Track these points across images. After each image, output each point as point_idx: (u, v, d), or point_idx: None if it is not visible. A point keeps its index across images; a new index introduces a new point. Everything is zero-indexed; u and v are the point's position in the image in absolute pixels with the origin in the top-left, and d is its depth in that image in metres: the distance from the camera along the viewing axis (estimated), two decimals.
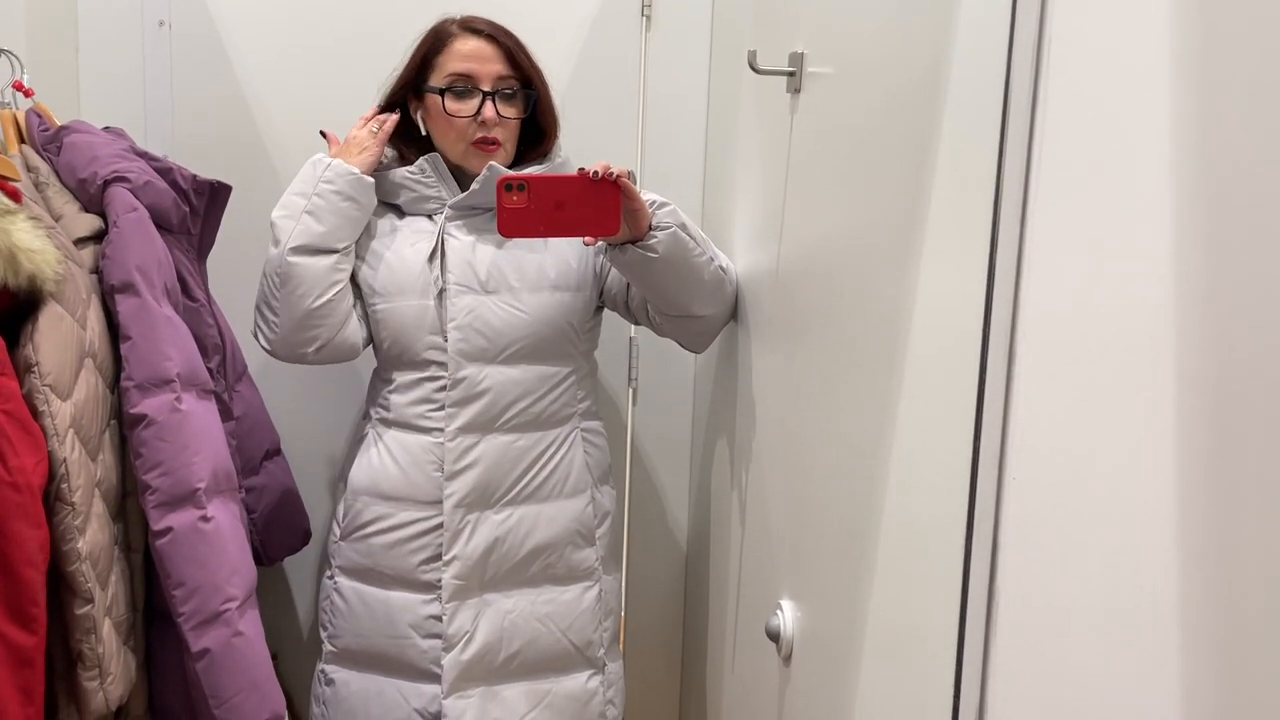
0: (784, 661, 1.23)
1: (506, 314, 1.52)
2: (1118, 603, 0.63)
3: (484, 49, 1.51)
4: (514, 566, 1.56)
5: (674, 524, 1.96)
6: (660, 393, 1.91)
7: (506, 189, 1.29)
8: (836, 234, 1.11)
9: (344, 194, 1.48)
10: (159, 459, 1.20)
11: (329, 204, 1.47)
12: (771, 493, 1.34)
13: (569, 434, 1.59)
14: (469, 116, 1.50)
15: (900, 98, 0.94)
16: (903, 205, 0.92)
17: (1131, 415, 0.62)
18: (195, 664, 1.21)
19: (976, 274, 0.77)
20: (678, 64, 1.82)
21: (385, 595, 1.55)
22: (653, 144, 1.84)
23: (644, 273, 1.40)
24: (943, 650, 0.81)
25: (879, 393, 0.96)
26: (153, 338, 1.22)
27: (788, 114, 1.28)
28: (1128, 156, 0.63)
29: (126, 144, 1.40)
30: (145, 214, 1.29)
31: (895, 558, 0.94)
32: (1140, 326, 0.61)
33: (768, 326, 1.39)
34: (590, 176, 1.29)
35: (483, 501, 1.53)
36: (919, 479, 0.89)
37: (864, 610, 0.99)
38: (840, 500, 1.07)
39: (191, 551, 1.21)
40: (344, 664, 1.59)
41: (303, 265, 1.46)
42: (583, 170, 1.30)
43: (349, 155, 1.51)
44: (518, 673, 1.57)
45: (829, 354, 1.13)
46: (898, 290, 0.92)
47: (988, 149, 0.76)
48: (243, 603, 1.25)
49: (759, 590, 1.39)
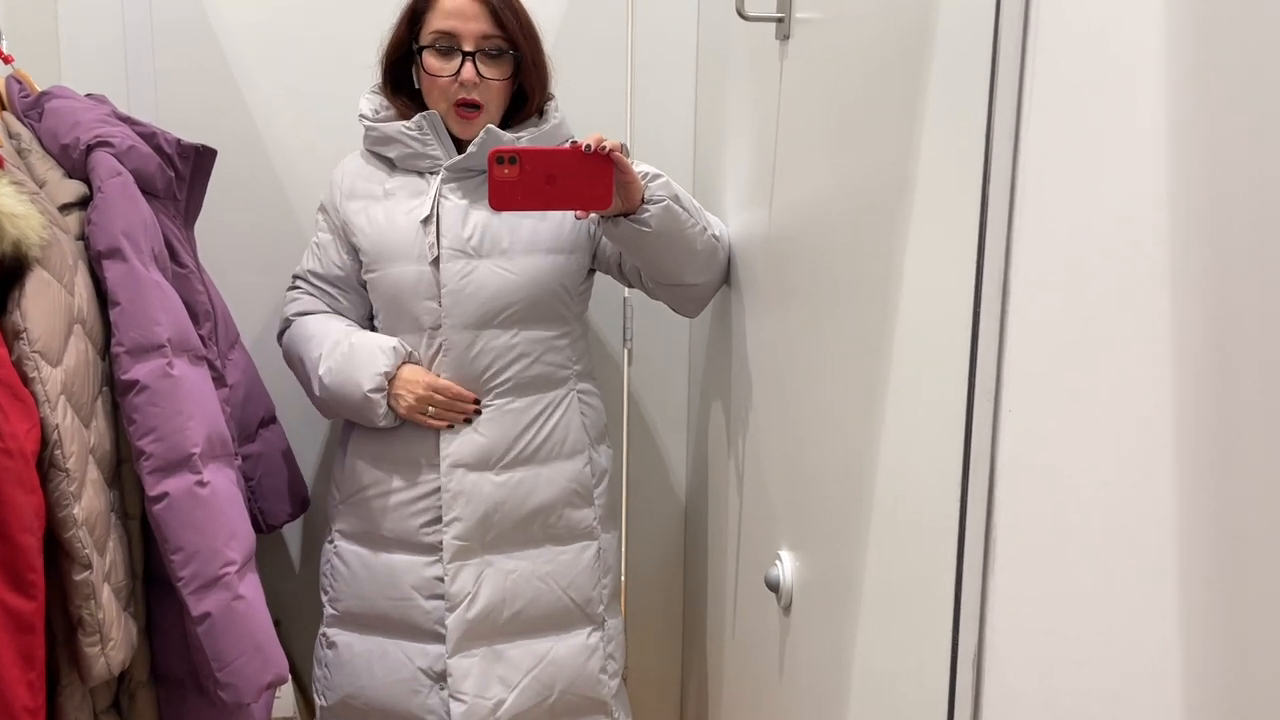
0: (784, 611, 1.24)
1: (500, 277, 1.51)
2: (1113, 534, 0.63)
3: (468, 7, 1.48)
4: (515, 527, 1.56)
5: (672, 481, 1.97)
6: (656, 353, 1.91)
7: (498, 161, 1.28)
8: (826, 192, 1.10)
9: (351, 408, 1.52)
10: (152, 424, 1.20)
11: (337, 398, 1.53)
12: (767, 448, 1.34)
13: (565, 396, 1.59)
14: (449, 76, 1.48)
15: (890, 44, 0.93)
16: (893, 161, 0.91)
17: (1125, 348, 0.61)
18: (197, 628, 1.21)
19: (968, 229, 0.76)
20: (665, 14, 1.79)
21: (387, 558, 1.56)
22: (642, 102, 1.82)
23: (637, 245, 1.39)
24: (940, 596, 0.81)
25: (872, 349, 0.96)
26: (141, 303, 1.21)
27: (777, 62, 1.27)
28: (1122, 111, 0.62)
29: (109, 109, 1.38)
30: (130, 179, 1.27)
31: (891, 506, 0.94)
32: (1132, 287, 0.60)
33: (760, 287, 1.38)
34: (583, 150, 1.27)
35: (482, 463, 1.54)
36: (913, 428, 0.89)
37: (862, 559, 0.99)
38: (836, 453, 1.07)
39: (189, 516, 1.20)
40: (346, 627, 1.59)
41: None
42: (575, 143, 1.28)
43: (397, 391, 1.50)
44: (521, 631, 1.58)
45: (821, 315, 1.12)
46: (889, 248, 0.91)
47: (978, 100, 0.75)
48: (241, 567, 1.25)
49: (758, 542, 1.40)
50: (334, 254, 1.60)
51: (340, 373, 1.51)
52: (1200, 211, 0.55)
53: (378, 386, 1.49)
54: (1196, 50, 0.56)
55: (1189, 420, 0.56)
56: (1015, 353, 0.74)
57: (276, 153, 1.76)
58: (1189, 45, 0.56)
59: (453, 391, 1.50)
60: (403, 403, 1.50)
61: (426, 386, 1.50)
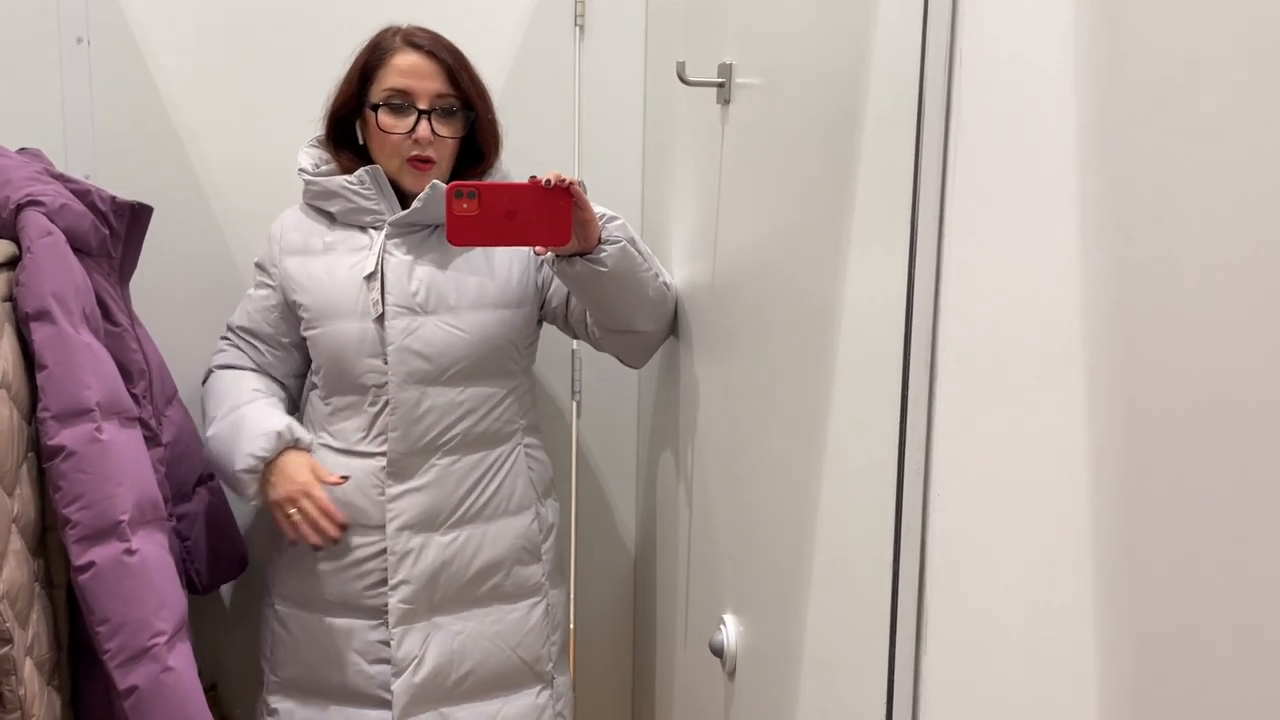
0: (728, 676, 1.23)
1: (446, 334, 1.49)
2: (1039, 610, 0.63)
3: (423, 65, 1.47)
4: (462, 587, 1.53)
5: (621, 536, 1.95)
6: (604, 405, 1.90)
7: (457, 196, 1.26)
8: (765, 245, 1.11)
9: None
10: (79, 491, 1.16)
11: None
12: (715, 505, 1.33)
13: (511, 451, 1.57)
14: (403, 134, 1.47)
15: (823, 107, 0.94)
16: (827, 216, 0.92)
17: (1048, 417, 0.62)
18: (123, 702, 1.17)
19: (897, 281, 0.77)
20: (612, 75, 1.81)
21: (330, 622, 1.52)
22: (590, 158, 1.83)
23: (591, 286, 1.38)
24: (875, 663, 0.80)
25: (809, 404, 0.96)
26: (70, 366, 1.18)
27: (719, 125, 1.28)
28: (1039, 159, 0.63)
29: (41, 166, 1.36)
30: (61, 238, 1.25)
31: (828, 571, 0.93)
32: (1054, 327, 0.61)
33: (705, 339, 1.38)
34: (542, 185, 1.27)
35: (428, 524, 1.51)
36: (848, 490, 0.89)
37: (801, 624, 0.99)
38: (777, 513, 1.07)
39: (116, 586, 1.17)
40: (288, 694, 1.55)
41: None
42: (534, 178, 1.28)
43: (272, 479, 1.46)
44: (469, 693, 1.55)
45: (763, 366, 1.12)
46: (826, 300, 0.92)
47: (904, 155, 0.76)
48: (172, 637, 1.21)
49: (704, 603, 1.39)
50: (265, 312, 1.57)
51: (223, 441, 1.48)
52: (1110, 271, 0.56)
53: (250, 468, 1.44)
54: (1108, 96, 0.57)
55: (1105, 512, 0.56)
56: (944, 420, 0.75)
57: (217, 207, 1.74)
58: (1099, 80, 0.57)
59: (323, 505, 1.45)
60: (273, 492, 1.46)
61: (303, 487, 1.45)
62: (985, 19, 0.70)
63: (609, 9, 1.79)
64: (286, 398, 1.61)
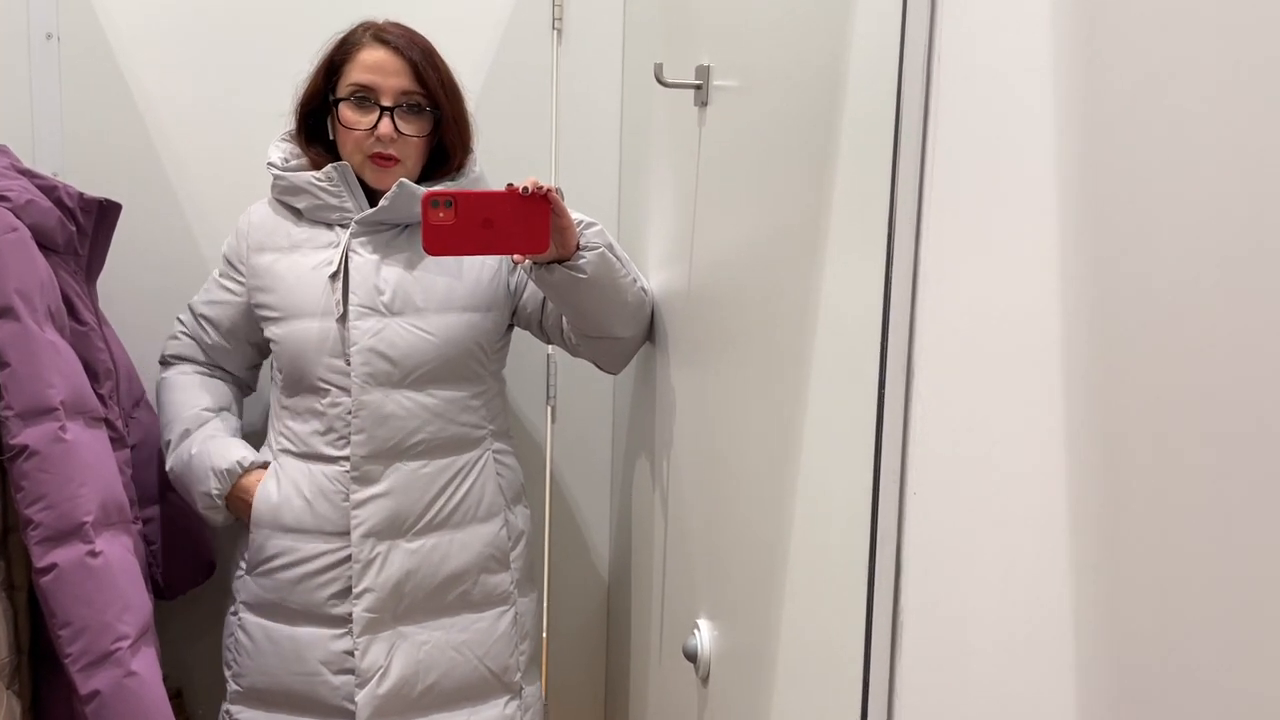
0: (702, 682, 1.22)
1: (412, 337, 1.47)
2: (1015, 614, 0.62)
3: (388, 61, 1.45)
4: (428, 596, 1.51)
5: (595, 543, 1.94)
6: (579, 411, 1.89)
7: (433, 205, 1.24)
8: (742, 249, 1.11)
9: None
10: (41, 492, 1.14)
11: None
12: (690, 511, 1.33)
13: (480, 457, 1.55)
14: (365, 130, 1.46)
15: (800, 109, 0.94)
16: (804, 220, 0.92)
17: (1024, 420, 0.62)
18: (84, 707, 1.15)
19: (874, 285, 0.77)
20: (590, 78, 1.80)
21: (293, 631, 1.49)
22: (567, 161, 1.82)
23: (569, 293, 1.37)
24: (850, 667, 0.80)
25: (786, 409, 0.96)
26: (34, 364, 1.16)
27: (696, 127, 1.28)
28: (1017, 167, 0.63)
29: (7, 161, 1.33)
30: (26, 234, 1.22)
31: (804, 575, 0.93)
32: (1030, 330, 0.61)
33: (681, 344, 1.37)
34: (519, 192, 1.25)
35: (394, 531, 1.48)
36: (825, 495, 0.88)
37: (775, 629, 0.98)
38: (752, 518, 1.06)
39: (78, 589, 1.15)
40: (250, 704, 1.52)
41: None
42: (511, 186, 1.26)
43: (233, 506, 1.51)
44: (435, 704, 1.52)
45: (739, 371, 1.12)
46: (802, 304, 0.92)
47: (882, 159, 0.76)
48: (135, 640, 1.19)
49: (678, 609, 1.38)
50: (224, 305, 1.57)
51: (180, 477, 1.53)
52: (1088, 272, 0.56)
53: (209, 506, 1.51)
54: (1085, 99, 0.57)
55: (1082, 514, 0.56)
56: (920, 424, 0.75)
57: (187, 205, 1.72)
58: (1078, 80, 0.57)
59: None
60: (238, 514, 1.53)
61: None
62: (964, 19, 0.70)
63: (586, 12, 1.79)
64: (235, 392, 1.63)
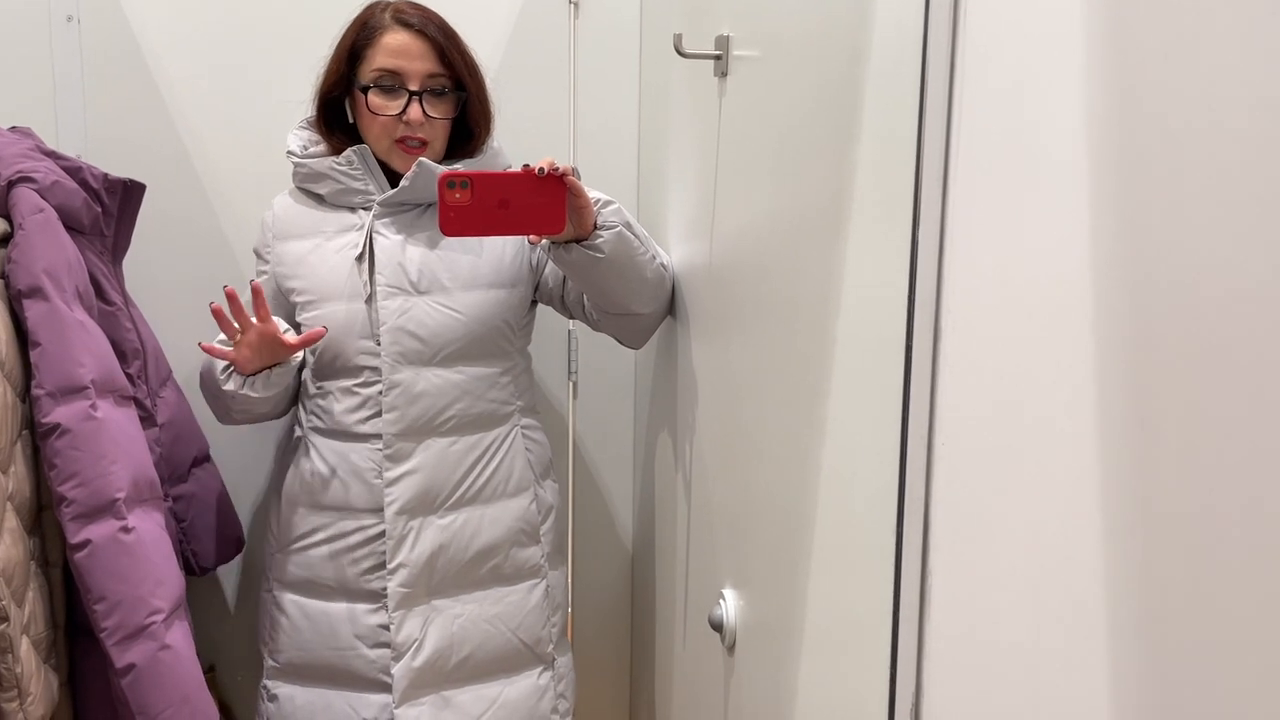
0: (728, 651, 1.22)
1: (440, 315, 1.48)
2: (1045, 576, 0.62)
3: (413, 45, 1.44)
4: (461, 570, 1.53)
5: (619, 515, 1.95)
6: (601, 385, 1.89)
7: (449, 186, 1.24)
8: (765, 221, 1.10)
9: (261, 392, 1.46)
10: (74, 469, 1.16)
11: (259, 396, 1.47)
12: (713, 482, 1.33)
13: (509, 432, 1.56)
14: (394, 116, 1.45)
15: (823, 79, 0.93)
16: (828, 189, 0.91)
17: (1052, 382, 0.61)
18: (121, 680, 1.17)
19: (900, 255, 0.76)
20: (608, 49, 1.79)
21: (327, 607, 1.51)
22: (585, 134, 1.82)
23: (588, 272, 1.37)
24: (878, 635, 0.80)
25: (811, 380, 0.95)
26: (64, 343, 1.17)
27: (716, 99, 1.27)
28: (1044, 133, 0.62)
29: (32, 143, 1.34)
30: (53, 215, 1.24)
31: (831, 544, 0.93)
32: (1058, 300, 0.61)
33: (703, 318, 1.37)
34: (535, 173, 1.25)
35: (425, 506, 1.50)
36: (851, 464, 0.88)
37: (802, 598, 0.98)
38: (777, 488, 1.06)
39: (112, 564, 1.16)
40: (288, 679, 1.54)
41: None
42: (527, 167, 1.26)
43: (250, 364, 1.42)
44: (469, 676, 1.55)
45: (762, 344, 1.12)
46: (826, 276, 0.91)
47: (907, 125, 0.75)
48: (169, 615, 1.21)
49: (703, 579, 1.38)
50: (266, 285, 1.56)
51: (206, 371, 1.48)
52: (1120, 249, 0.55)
53: (225, 367, 1.44)
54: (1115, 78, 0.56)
55: (1113, 480, 0.56)
56: (947, 394, 0.74)
57: (210, 186, 1.72)
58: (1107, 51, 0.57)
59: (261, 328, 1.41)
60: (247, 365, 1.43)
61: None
62: None
63: None
64: None
